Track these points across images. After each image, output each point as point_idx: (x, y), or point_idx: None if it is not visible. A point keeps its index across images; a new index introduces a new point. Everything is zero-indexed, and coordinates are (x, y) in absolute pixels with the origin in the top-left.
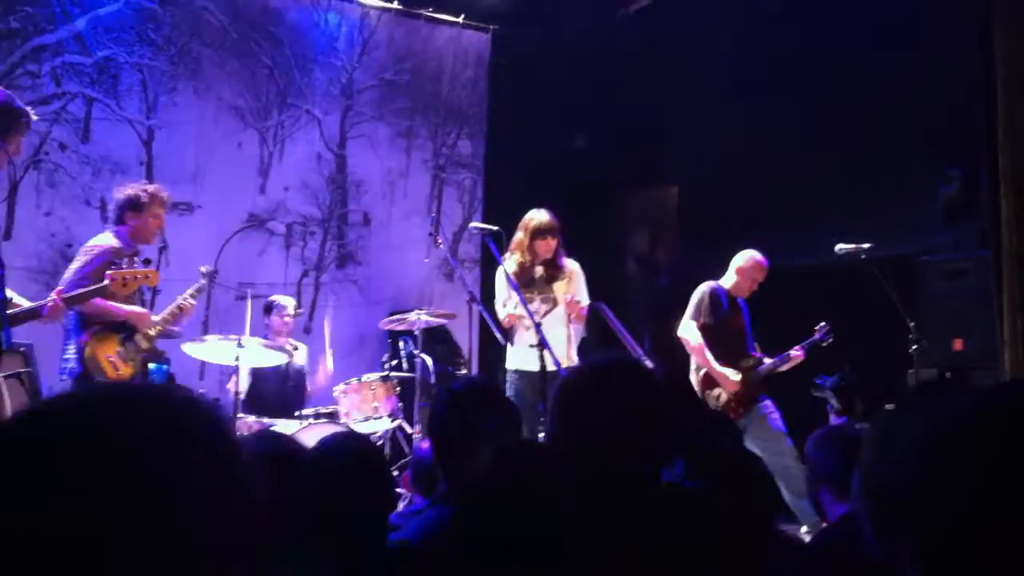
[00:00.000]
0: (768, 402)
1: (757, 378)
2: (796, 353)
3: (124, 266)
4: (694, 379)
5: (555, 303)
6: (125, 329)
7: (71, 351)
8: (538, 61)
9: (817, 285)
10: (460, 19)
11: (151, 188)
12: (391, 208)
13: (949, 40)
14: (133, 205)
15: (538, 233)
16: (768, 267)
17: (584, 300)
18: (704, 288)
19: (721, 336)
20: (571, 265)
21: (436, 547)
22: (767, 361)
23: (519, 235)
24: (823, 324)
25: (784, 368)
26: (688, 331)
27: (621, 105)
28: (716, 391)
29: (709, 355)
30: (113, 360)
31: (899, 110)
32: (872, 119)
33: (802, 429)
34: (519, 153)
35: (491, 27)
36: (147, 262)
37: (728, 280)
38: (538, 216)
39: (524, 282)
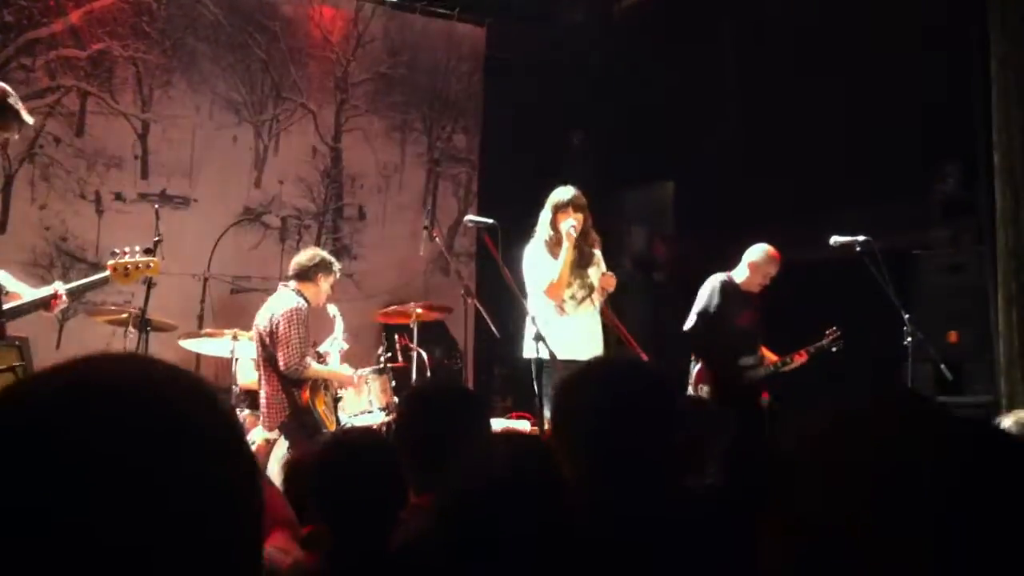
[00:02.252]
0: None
1: (754, 378)
2: (801, 356)
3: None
4: (692, 372)
5: (591, 289)
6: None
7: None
8: (533, 55)
9: (813, 279)
10: (455, 13)
11: None
12: (386, 202)
13: (946, 38)
14: None
15: (560, 207)
16: (781, 260)
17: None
18: (713, 281)
19: (724, 330)
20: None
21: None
22: (768, 359)
23: (545, 214)
24: (833, 330)
25: (786, 370)
26: (691, 325)
27: (617, 99)
28: (706, 388)
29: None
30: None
31: (897, 106)
32: (870, 114)
33: None
34: (514, 147)
35: (486, 20)
36: (149, 252)
37: (740, 274)
38: (574, 192)
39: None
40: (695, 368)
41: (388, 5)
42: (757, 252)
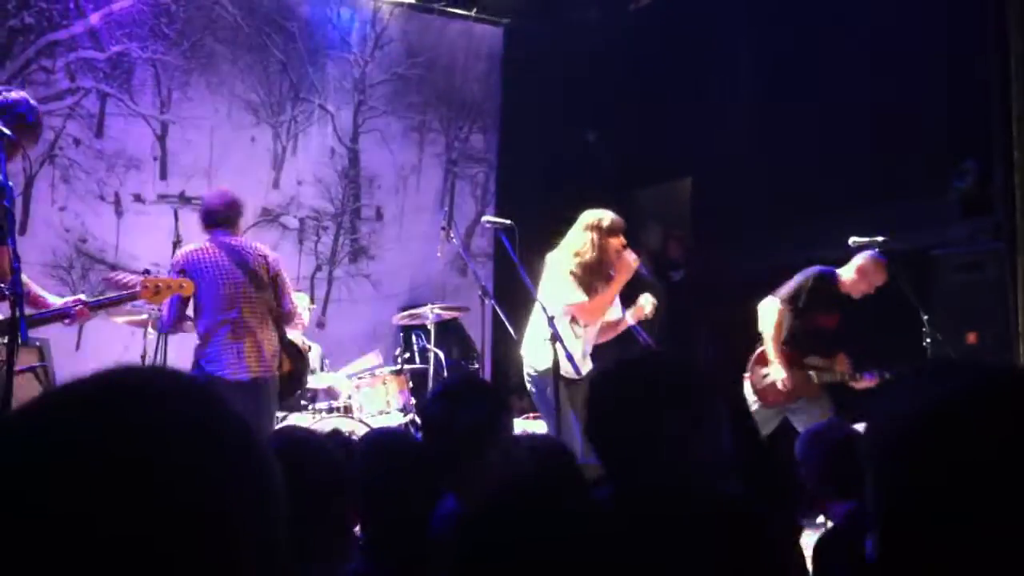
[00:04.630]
0: (818, 408)
1: (813, 380)
2: (868, 380)
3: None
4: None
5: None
6: None
7: None
8: (551, 54)
9: None
10: (472, 13)
11: None
12: (404, 202)
13: (965, 36)
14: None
15: (612, 232)
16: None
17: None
18: (811, 272)
19: (803, 327)
20: None
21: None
22: (836, 369)
23: (589, 234)
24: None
25: (858, 387)
26: (765, 306)
27: (634, 98)
28: (765, 371)
29: (771, 331)
30: None
31: (915, 103)
32: (888, 112)
33: None
34: (532, 147)
35: (503, 21)
36: (183, 272)
37: (846, 274)
38: (612, 216)
39: (586, 284)
40: (759, 349)
41: (406, 6)
42: (864, 257)
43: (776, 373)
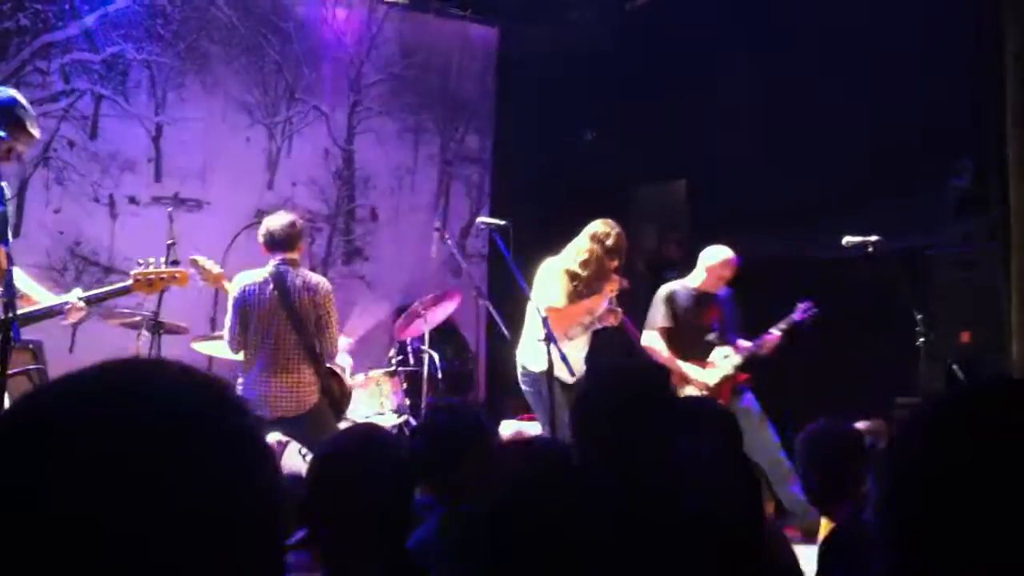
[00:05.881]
0: (749, 395)
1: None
2: (771, 336)
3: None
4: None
5: (597, 319)
6: None
7: None
8: (546, 55)
9: (824, 278)
10: (467, 13)
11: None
12: (398, 203)
13: (959, 34)
14: None
15: (611, 253)
16: (736, 264)
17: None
18: (660, 293)
19: (685, 334)
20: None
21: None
22: (741, 347)
23: (592, 245)
24: (806, 303)
25: (764, 352)
26: (647, 340)
27: (629, 98)
28: (687, 388)
29: (667, 355)
30: None
31: (909, 102)
32: (882, 111)
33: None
34: (527, 148)
35: (498, 21)
36: (176, 263)
37: (696, 278)
38: (618, 234)
39: (573, 290)
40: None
41: (401, 6)
42: (711, 255)
43: (694, 378)
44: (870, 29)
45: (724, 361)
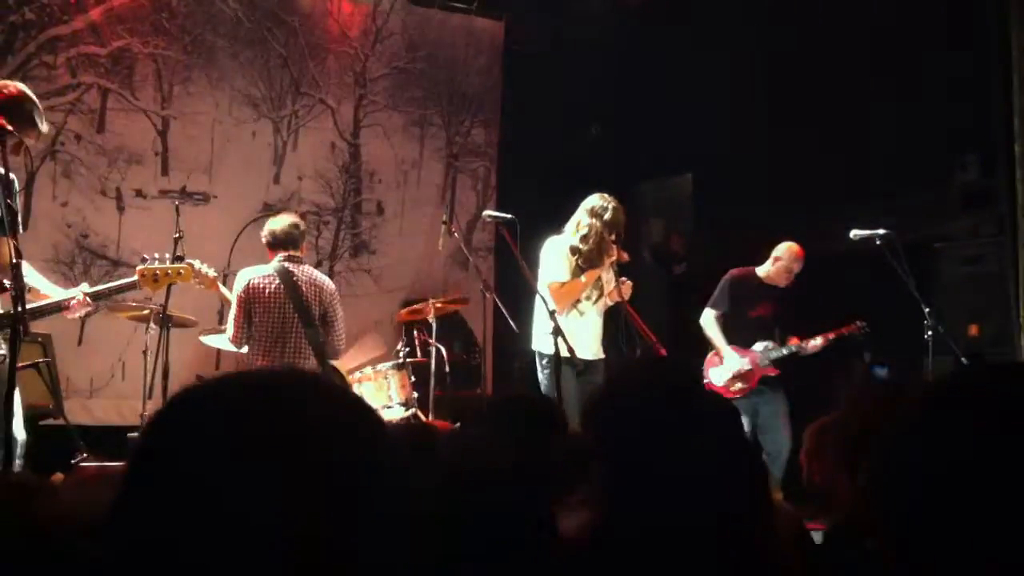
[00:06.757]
0: (777, 391)
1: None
2: (815, 343)
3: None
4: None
5: (601, 291)
6: None
7: None
8: (552, 48)
9: (832, 271)
10: (473, 7)
11: None
12: (405, 197)
13: (967, 28)
14: None
15: (609, 226)
16: (804, 257)
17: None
18: (726, 277)
19: (737, 320)
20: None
21: None
22: (786, 343)
23: (591, 220)
24: (860, 323)
25: (804, 354)
26: (704, 319)
27: (635, 92)
28: (719, 369)
29: (717, 337)
30: None
31: (916, 96)
32: (889, 105)
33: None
34: (533, 141)
35: (504, 14)
36: (180, 258)
37: (764, 268)
38: (615, 207)
39: (574, 265)
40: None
41: (406, 0)
42: (782, 248)
43: (736, 364)
44: (876, 22)
45: (764, 353)
